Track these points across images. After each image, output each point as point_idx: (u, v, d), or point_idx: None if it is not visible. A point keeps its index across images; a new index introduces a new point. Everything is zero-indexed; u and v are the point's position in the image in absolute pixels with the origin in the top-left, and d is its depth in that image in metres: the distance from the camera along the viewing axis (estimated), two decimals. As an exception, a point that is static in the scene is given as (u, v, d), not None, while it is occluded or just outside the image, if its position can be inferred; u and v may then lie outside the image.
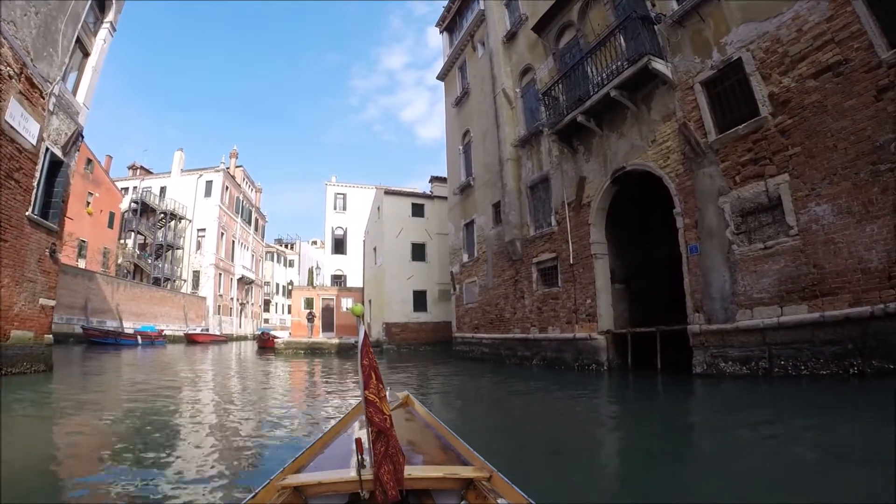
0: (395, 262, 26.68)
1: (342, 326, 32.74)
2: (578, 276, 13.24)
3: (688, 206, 10.38)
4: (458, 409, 8.59)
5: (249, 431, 6.23)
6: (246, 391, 11.12)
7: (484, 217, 18.30)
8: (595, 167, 13.14)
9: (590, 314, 12.83)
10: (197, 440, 5.67)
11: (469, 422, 7.23)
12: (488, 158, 18.19)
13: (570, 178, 13.94)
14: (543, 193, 15.13)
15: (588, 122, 12.84)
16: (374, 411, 2.13)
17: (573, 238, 13.50)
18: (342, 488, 2.27)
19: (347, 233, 41.70)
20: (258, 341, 30.17)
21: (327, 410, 8.00)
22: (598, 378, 11.93)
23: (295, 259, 68.70)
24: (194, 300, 43.72)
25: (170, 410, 7.88)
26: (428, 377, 13.72)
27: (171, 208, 44.56)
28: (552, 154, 14.76)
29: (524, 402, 9.42)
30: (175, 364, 18.14)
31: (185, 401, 9.13)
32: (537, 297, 14.76)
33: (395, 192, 27.51)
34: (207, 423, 6.85)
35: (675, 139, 10.72)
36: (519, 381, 11.99)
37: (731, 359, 9.11)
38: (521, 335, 15.28)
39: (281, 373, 15.34)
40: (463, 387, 12.12)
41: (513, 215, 15.68)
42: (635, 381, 11.23)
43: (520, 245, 15.53)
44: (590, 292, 12.86)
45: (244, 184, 53.93)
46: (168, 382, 11.97)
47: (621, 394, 10.09)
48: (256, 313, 58.34)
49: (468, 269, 19.56)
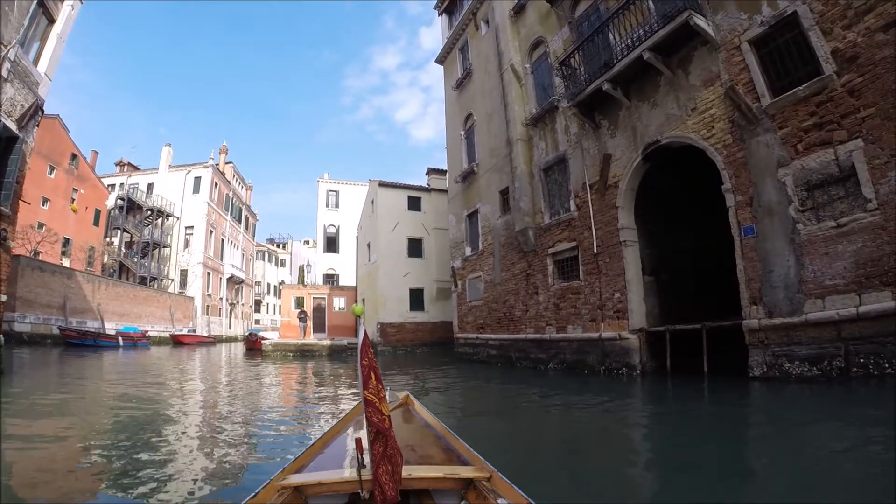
0: (391, 259, 24.64)
1: (335, 327, 30.62)
2: (604, 266, 11.37)
3: (740, 180, 8.75)
4: (465, 423, 6.81)
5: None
6: (220, 406, 9.12)
7: (489, 206, 16.37)
8: (622, 142, 11.36)
9: (618, 310, 10.96)
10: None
11: (479, 438, 5.37)
12: (494, 142, 16.30)
13: (591, 157, 12.11)
14: (560, 176, 13.25)
15: (615, 90, 11.11)
16: (373, 411, 2.07)
17: (597, 224, 11.65)
18: (342, 488, 2.23)
19: (340, 231, 39.83)
20: (246, 343, 28.04)
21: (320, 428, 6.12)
22: (630, 384, 10.12)
23: (287, 259, 66.30)
24: (181, 300, 41.42)
25: (112, 429, 5.95)
26: (427, 382, 11.85)
27: (159, 205, 42.26)
28: (570, 132, 12.92)
29: (544, 414, 7.75)
30: (153, 368, 16.11)
31: (128, 424, 7.12)
32: (554, 293, 12.86)
33: (391, 185, 25.45)
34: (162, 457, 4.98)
35: (720, 106, 9.18)
36: (534, 389, 10.16)
37: (797, 358, 7.59)
38: (535, 335, 13.35)
39: (265, 380, 13.32)
40: (468, 395, 10.27)
41: (524, 202, 13.77)
42: (677, 387, 9.42)
43: (532, 234, 13.63)
44: (618, 285, 11.00)
45: (234, 180, 51.56)
46: (135, 391, 9.95)
47: (664, 404, 8.29)
48: (247, 314, 55.88)
49: (472, 263, 17.59)
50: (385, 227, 24.70)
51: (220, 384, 12.11)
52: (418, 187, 26.35)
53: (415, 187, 26.23)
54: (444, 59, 21.40)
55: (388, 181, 25.49)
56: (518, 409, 8.36)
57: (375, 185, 25.47)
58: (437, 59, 21.69)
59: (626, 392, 9.70)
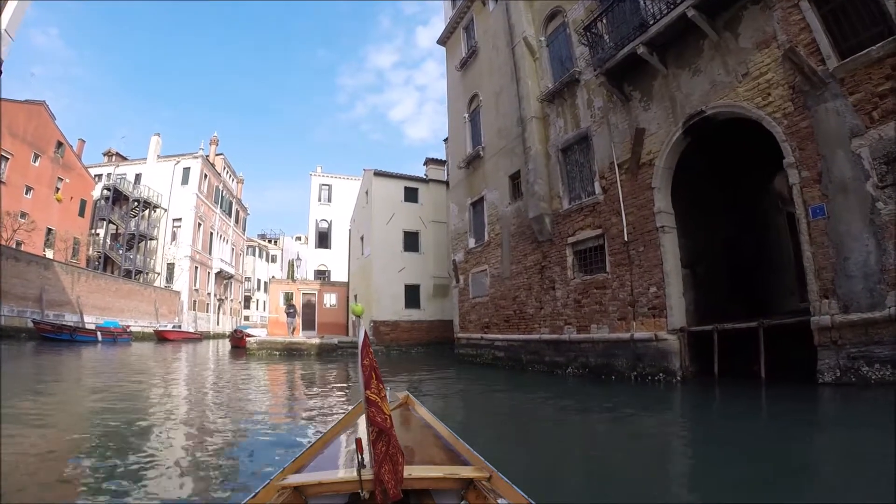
0: (385, 253, 22.75)
1: (325, 325, 28.69)
2: (637, 257, 9.67)
3: (805, 154, 7.32)
4: (473, 439, 5.02)
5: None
6: (190, 415, 7.27)
7: (497, 192, 14.59)
8: (658, 115, 9.73)
9: (654, 307, 9.26)
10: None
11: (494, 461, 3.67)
12: (503, 122, 14.55)
13: (620, 133, 10.43)
14: (581, 156, 11.53)
15: (650, 55, 9.47)
16: (375, 411, 2.05)
17: (628, 208, 9.95)
18: (342, 488, 2.18)
19: (332, 226, 38.03)
20: (231, 340, 26.02)
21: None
22: (669, 393, 8.44)
23: (278, 254, 64.00)
24: (167, 294, 39.28)
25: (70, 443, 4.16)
26: (424, 385, 10.13)
27: (146, 196, 40.13)
28: (593, 106, 11.23)
29: (569, 428, 6.21)
30: (128, 367, 14.28)
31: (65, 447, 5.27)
32: (574, 288, 11.11)
33: (386, 175, 23.52)
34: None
35: (777, 70, 7.76)
36: (551, 397, 8.48)
37: (878, 360, 6.30)
38: (551, 336, 11.55)
39: (242, 386, 11.50)
40: (474, 403, 8.56)
41: (539, 185, 12.02)
42: (729, 397, 7.80)
43: (549, 222, 11.87)
44: (654, 278, 9.30)
45: (225, 173, 49.27)
46: (88, 397, 8.08)
47: (718, 419, 6.61)
48: (236, 310, 53.59)
49: (476, 255, 15.76)
50: (380, 219, 22.82)
51: (191, 391, 10.25)
52: (416, 178, 24.47)
53: (412, 178, 24.35)
54: (446, 40, 19.61)
55: (383, 170, 23.59)
56: (536, 423, 6.70)
57: (370, 175, 23.58)
58: (439, 41, 19.91)
59: (666, 402, 8.03)
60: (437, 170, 25.13)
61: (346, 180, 38.66)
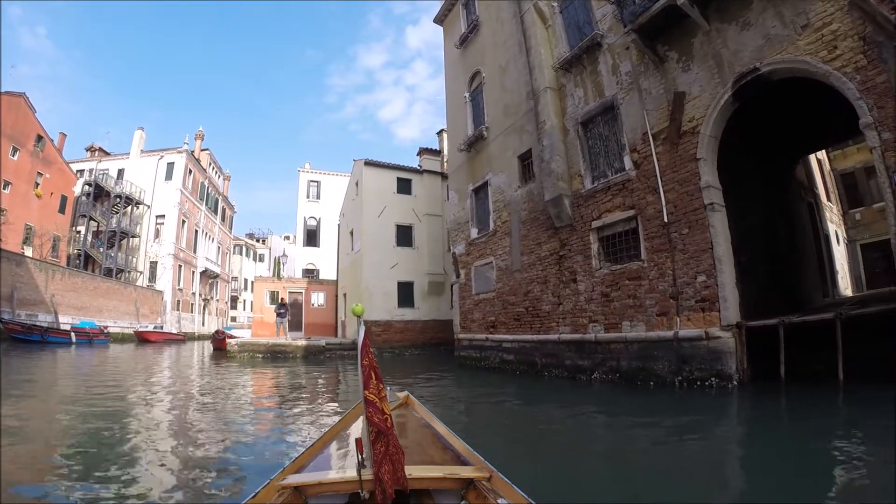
0: (377, 248, 20.91)
1: (312, 325, 26.72)
2: (680, 240, 8.02)
3: (885, 112, 6.00)
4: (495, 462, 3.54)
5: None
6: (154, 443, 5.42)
7: (504, 175, 12.85)
8: (701, 76, 8.15)
9: (703, 299, 7.62)
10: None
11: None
12: (510, 98, 12.85)
13: (655, 99, 8.81)
14: (606, 128, 9.87)
15: (691, 7, 7.90)
16: (373, 411, 1.99)
17: (667, 184, 8.32)
18: (342, 488, 2.13)
19: (321, 224, 36.15)
20: (213, 342, 23.97)
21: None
22: (725, 399, 6.91)
23: (266, 254, 61.67)
24: (148, 294, 37.04)
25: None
26: (421, 393, 8.39)
27: (128, 192, 37.91)
28: (619, 71, 9.60)
29: (605, 447, 4.68)
30: (88, 374, 12.23)
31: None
32: (601, 279, 9.41)
33: (378, 165, 21.69)
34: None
35: (843, 20, 6.52)
36: (582, 411, 6.79)
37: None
38: (573, 336, 9.82)
39: (213, 402, 9.67)
40: (482, 418, 6.80)
41: (556, 163, 10.31)
42: (805, 405, 6.29)
43: (569, 204, 10.18)
44: (702, 265, 7.67)
45: (210, 169, 46.92)
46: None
47: (809, 436, 4.83)
48: (222, 310, 51.16)
49: (480, 246, 13.97)
50: (371, 212, 20.98)
51: (132, 411, 8.40)
52: (409, 168, 22.62)
53: (405, 168, 22.50)
54: (443, 19, 17.90)
55: (374, 160, 21.76)
56: (567, 443, 5.03)
57: (361, 165, 21.72)
58: (436, 19, 18.18)
59: (727, 414, 6.45)
60: (432, 160, 23.38)
61: (336, 176, 36.81)
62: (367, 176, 21.23)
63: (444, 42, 17.60)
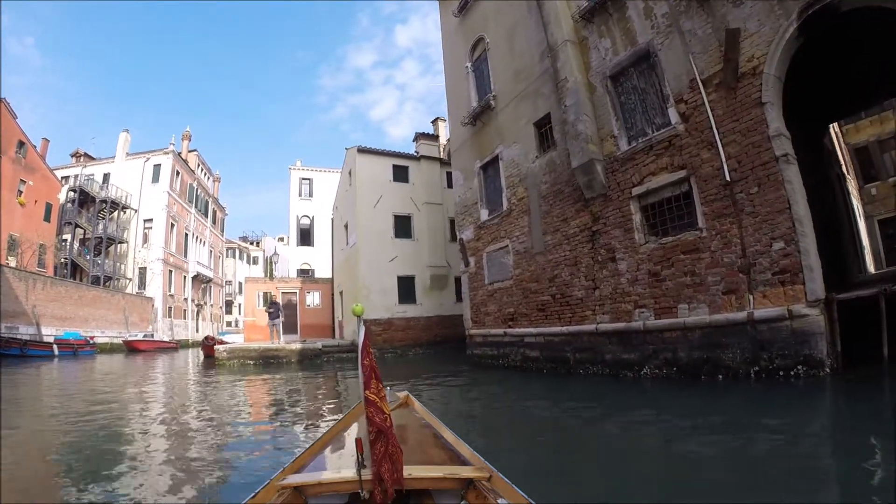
0: (374, 240, 19.28)
1: (308, 327, 25.06)
2: (748, 201, 6.51)
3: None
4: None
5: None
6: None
7: (519, 145, 11.26)
8: (758, 8, 6.66)
9: (783, 270, 6.13)
10: None
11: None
12: (520, 62, 11.27)
13: (701, 40, 7.29)
14: (642, 80, 8.33)
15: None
16: (374, 411, 1.94)
17: (727, 136, 6.81)
18: (342, 488, 2.08)
19: (315, 222, 34.61)
20: (203, 349, 22.27)
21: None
22: (816, 389, 5.50)
23: (260, 256, 59.86)
24: (137, 301, 35.25)
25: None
26: (432, 401, 6.86)
27: (114, 196, 36.10)
28: (654, 14, 8.06)
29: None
30: (61, 392, 10.74)
31: None
32: (648, 255, 7.87)
33: (372, 151, 20.04)
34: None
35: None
36: (653, 419, 5.27)
37: None
38: (613, 325, 8.29)
39: (184, 425, 8.08)
40: (516, 433, 5.25)
41: (584, 124, 8.74)
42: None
43: (601, 170, 8.62)
44: (779, 229, 6.17)
45: (199, 170, 45.12)
46: None
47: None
48: (216, 315, 49.30)
49: (492, 229, 12.37)
50: (366, 202, 19.35)
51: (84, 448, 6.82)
52: (405, 155, 20.99)
53: (401, 155, 20.87)
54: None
55: (368, 147, 20.10)
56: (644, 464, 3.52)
57: (353, 153, 20.05)
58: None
59: (822, 407, 5.05)
60: (430, 146, 21.76)
61: (328, 173, 35.18)
62: (360, 164, 19.60)
63: (441, 14, 16.01)
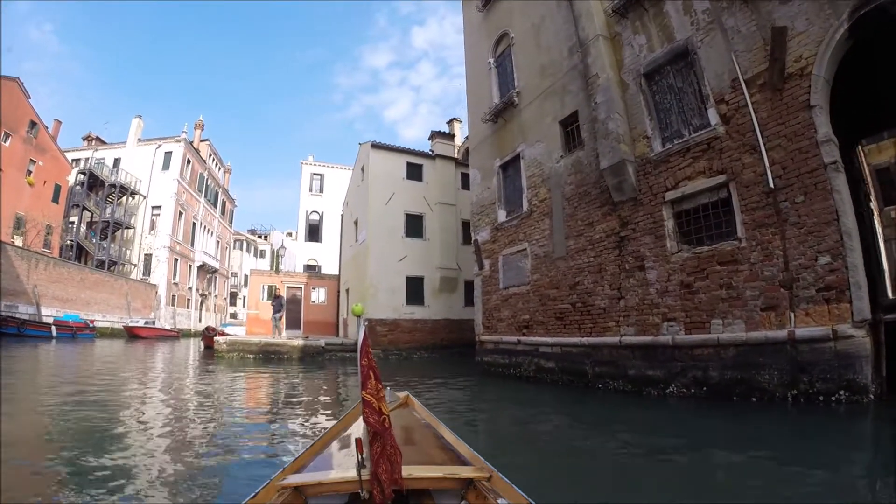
0: (384, 238, 18.86)
1: (311, 323, 24.66)
2: (794, 211, 6.03)
3: None
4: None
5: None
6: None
7: (542, 144, 10.80)
8: (808, 7, 6.21)
9: (828, 287, 5.65)
10: None
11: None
12: (547, 57, 10.82)
13: (745, 38, 6.82)
14: (679, 79, 7.86)
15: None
16: (370, 412, 1.92)
17: (771, 140, 6.33)
18: (342, 488, 2.07)
19: (324, 218, 34.27)
20: (203, 339, 21.92)
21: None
22: (859, 417, 5.03)
23: (267, 249, 59.63)
24: (141, 287, 35.00)
25: None
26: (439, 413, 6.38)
27: (123, 181, 35.94)
28: (694, 10, 7.61)
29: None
30: (45, 378, 10.37)
31: None
32: (680, 265, 7.38)
33: (386, 147, 19.70)
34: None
35: None
36: (666, 444, 4.79)
37: None
38: (639, 338, 7.80)
39: (166, 422, 7.64)
40: (535, 455, 4.77)
41: (615, 122, 8.27)
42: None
43: (633, 172, 8.13)
44: (826, 242, 5.70)
45: (210, 160, 44.97)
46: None
47: None
48: (220, 306, 49.11)
49: (510, 231, 11.87)
50: (378, 198, 18.94)
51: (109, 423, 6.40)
52: (420, 153, 20.60)
53: (416, 152, 20.47)
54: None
55: (382, 143, 19.71)
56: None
57: (367, 148, 19.66)
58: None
59: (866, 438, 4.50)
60: (445, 145, 21.37)
61: (340, 170, 34.85)
62: (374, 160, 19.20)
63: (464, 9, 15.62)
